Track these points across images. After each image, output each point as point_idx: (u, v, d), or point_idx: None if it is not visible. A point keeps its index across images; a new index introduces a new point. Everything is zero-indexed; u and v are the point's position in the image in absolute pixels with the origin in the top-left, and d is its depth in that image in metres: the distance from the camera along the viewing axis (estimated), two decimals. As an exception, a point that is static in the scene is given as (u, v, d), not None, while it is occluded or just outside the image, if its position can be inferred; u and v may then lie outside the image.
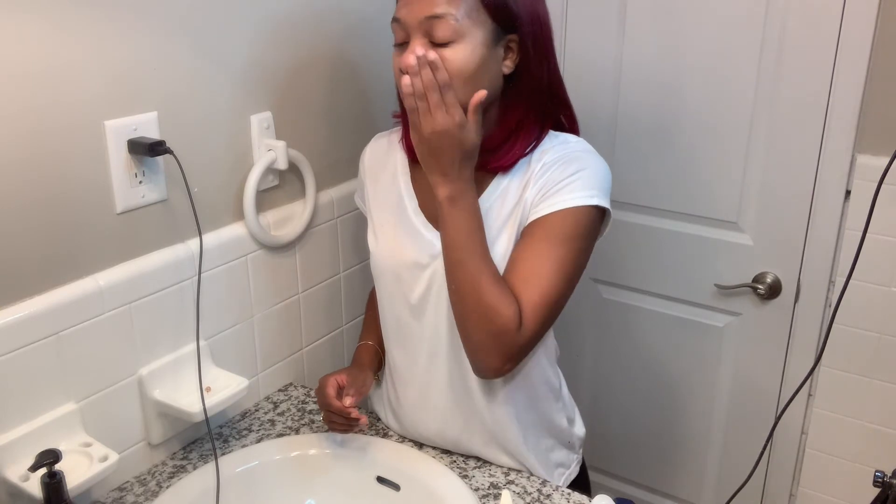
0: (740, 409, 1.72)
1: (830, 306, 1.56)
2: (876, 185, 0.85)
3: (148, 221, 1.13)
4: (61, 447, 0.96)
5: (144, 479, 1.16)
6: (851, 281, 1.44)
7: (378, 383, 1.31)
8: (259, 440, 1.25)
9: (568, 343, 1.76)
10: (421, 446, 1.24)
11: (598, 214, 1.06)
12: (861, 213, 1.47)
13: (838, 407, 1.60)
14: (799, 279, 1.58)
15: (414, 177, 1.15)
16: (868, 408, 1.57)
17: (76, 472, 0.97)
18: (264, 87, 1.28)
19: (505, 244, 1.06)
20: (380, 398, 1.31)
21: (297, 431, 1.28)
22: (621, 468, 1.95)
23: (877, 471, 0.87)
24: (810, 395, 1.63)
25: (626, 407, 1.88)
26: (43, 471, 0.89)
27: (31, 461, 0.88)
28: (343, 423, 1.15)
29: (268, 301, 1.35)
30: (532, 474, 1.18)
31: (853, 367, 1.56)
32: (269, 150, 1.28)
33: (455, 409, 1.16)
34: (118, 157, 1.07)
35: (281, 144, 1.28)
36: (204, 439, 1.26)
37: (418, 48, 0.95)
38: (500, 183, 1.08)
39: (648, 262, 1.74)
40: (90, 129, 1.03)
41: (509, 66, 1.04)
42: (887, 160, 0.84)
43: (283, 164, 1.28)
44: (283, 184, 1.35)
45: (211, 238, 1.22)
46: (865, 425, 1.58)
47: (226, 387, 1.18)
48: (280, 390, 1.41)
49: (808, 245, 1.55)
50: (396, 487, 1.15)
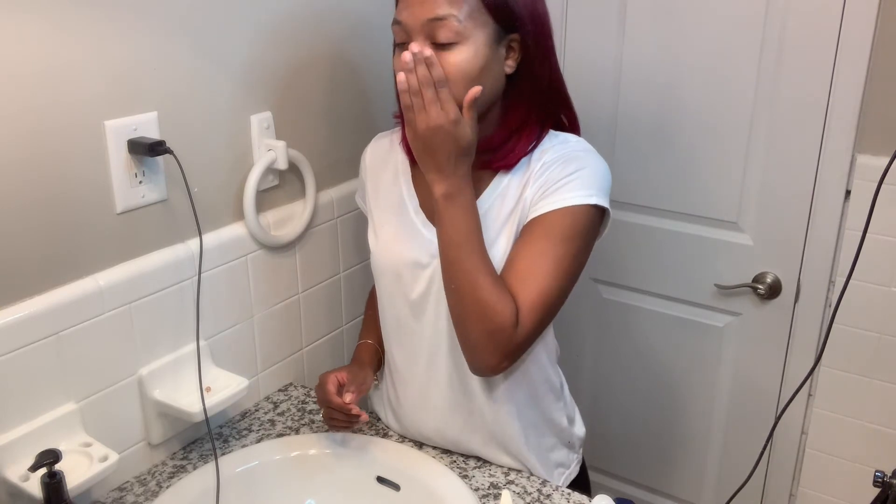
0: (740, 409, 1.72)
1: (830, 306, 1.56)
2: (876, 185, 0.85)
3: (148, 221, 1.13)
4: (61, 447, 0.96)
5: (144, 479, 1.16)
6: (851, 281, 1.44)
7: (377, 383, 1.31)
8: (259, 440, 1.25)
9: (568, 343, 1.76)
10: (421, 446, 1.24)
11: (596, 214, 1.06)
12: (861, 213, 1.47)
13: (838, 407, 1.60)
14: (799, 279, 1.58)
15: (414, 176, 1.16)
16: (868, 408, 1.57)
17: (76, 472, 0.97)
18: (264, 87, 1.28)
19: (505, 244, 1.06)
20: (380, 398, 1.31)
21: (297, 431, 1.28)
22: (621, 468, 1.95)
23: (877, 471, 0.87)
24: (810, 395, 1.63)
25: (626, 407, 1.88)
26: (43, 471, 0.89)
27: (31, 461, 0.88)
28: (343, 420, 1.15)
29: (268, 301, 1.35)
30: (532, 474, 1.18)
31: (853, 367, 1.56)
32: (269, 150, 1.28)
33: (455, 408, 1.16)
34: (118, 157, 1.07)
35: (281, 144, 1.28)
36: (204, 439, 1.26)
37: (414, 45, 0.95)
38: (501, 182, 1.08)
39: (648, 262, 1.74)
40: (90, 129, 1.03)
41: (511, 65, 1.04)
42: (887, 160, 0.84)
43: (283, 164, 1.28)
44: (283, 184, 1.35)
45: (211, 238, 1.22)
46: (865, 425, 1.58)
47: (226, 387, 1.18)
48: (280, 390, 1.41)
49: (808, 245, 1.55)
50: (396, 487, 1.15)
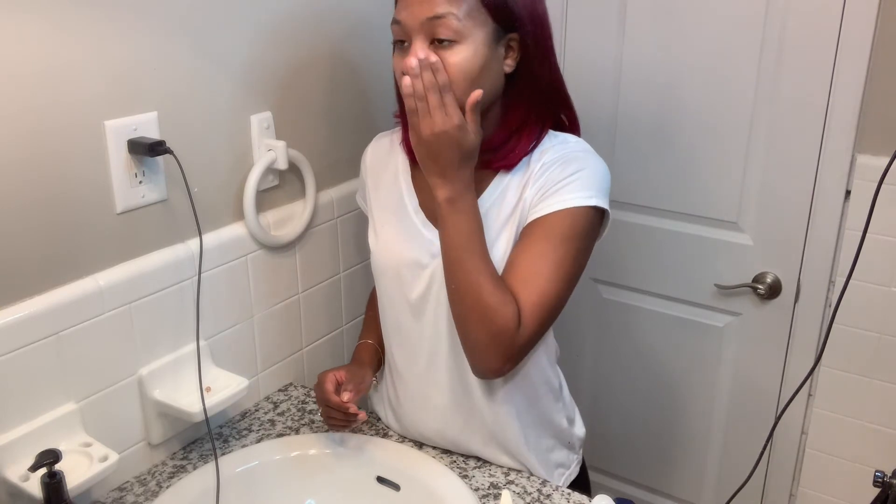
0: (740, 409, 1.72)
1: (830, 306, 1.56)
2: (876, 185, 0.85)
3: (148, 221, 1.13)
4: (61, 447, 0.96)
5: (144, 479, 1.16)
6: (851, 281, 1.44)
7: (377, 383, 1.31)
8: (259, 440, 1.25)
9: (568, 343, 1.76)
10: (421, 446, 1.23)
11: (596, 215, 1.06)
12: (861, 213, 1.47)
13: (838, 407, 1.60)
14: (799, 279, 1.58)
15: (414, 176, 1.15)
16: (868, 408, 1.57)
17: (76, 472, 0.97)
18: (264, 87, 1.28)
19: (505, 245, 1.06)
20: (380, 398, 1.31)
21: (297, 431, 1.28)
22: (621, 468, 1.95)
23: (877, 471, 0.87)
24: (810, 395, 1.63)
25: (626, 407, 1.88)
26: (43, 471, 0.89)
27: (31, 461, 0.88)
28: (341, 419, 1.15)
29: (268, 301, 1.35)
30: (532, 474, 1.18)
31: (853, 367, 1.56)
32: (269, 150, 1.28)
33: (455, 408, 1.16)
34: (118, 157, 1.07)
35: (281, 144, 1.28)
36: (204, 439, 1.26)
37: (420, 52, 0.95)
38: (501, 183, 1.08)
39: (648, 262, 1.74)
40: (90, 129, 1.03)
41: (510, 64, 1.04)
42: (887, 160, 0.84)
43: (283, 164, 1.28)
44: (283, 184, 1.35)
45: (211, 238, 1.22)
46: (865, 425, 1.58)
47: (226, 387, 1.18)
48: (280, 390, 1.41)
49: (808, 245, 1.55)
50: (396, 487, 1.15)
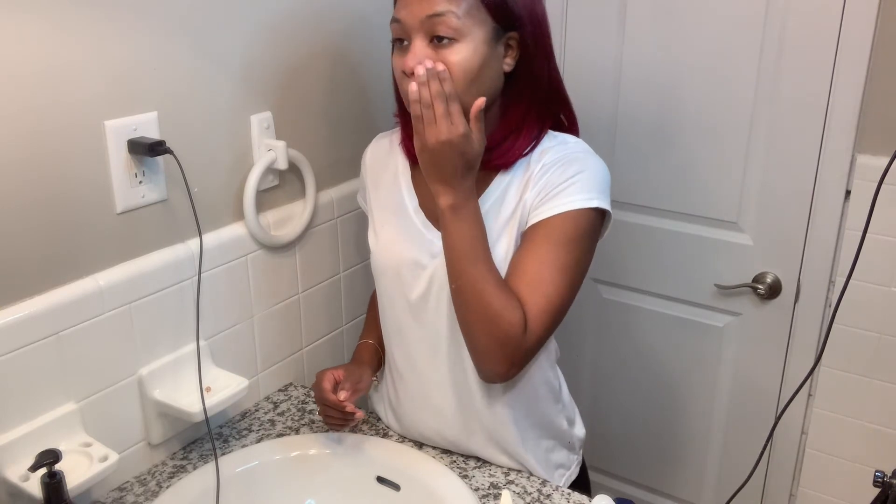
0: (740, 409, 1.72)
1: (830, 306, 1.56)
2: (876, 185, 0.85)
3: (148, 221, 1.13)
4: (61, 447, 0.96)
5: (144, 479, 1.16)
6: (851, 281, 1.44)
7: (377, 383, 1.31)
8: (259, 440, 1.25)
9: (568, 343, 1.76)
10: (421, 446, 1.24)
11: (598, 216, 1.06)
12: (861, 213, 1.47)
13: (838, 407, 1.60)
14: (799, 279, 1.58)
15: (414, 176, 1.16)
16: (868, 408, 1.57)
17: (76, 472, 0.97)
18: (264, 87, 1.28)
19: (505, 246, 1.06)
20: (380, 398, 1.31)
21: (297, 431, 1.28)
22: (621, 468, 1.95)
23: (877, 471, 0.87)
24: (810, 395, 1.63)
25: (626, 407, 1.88)
26: (43, 471, 0.89)
27: (31, 461, 0.88)
28: (338, 418, 1.15)
29: (268, 301, 1.35)
30: (532, 474, 1.18)
31: (853, 367, 1.56)
32: (269, 150, 1.28)
33: (455, 409, 1.16)
34: (118, 157, 1.07)
35: (281, 144, 1.28)
36: (204, 439, 1.26)
37: (428, 61, 0.95)
38: (500, 183, 1.08)
39: (648, 262, 1.74)
40: (90, 129, 1.03)
41: (510, 63, 1.04)
42: (887, 160, 0.84)
43: (283, 164, 1.28)
44: (283, 184, 1.35)
45: (211, 238, 1.22)
46: (865, 425, 1.58)
47: (226, 387, 1.18)
48: (280, 390, 1.41)
49: (808, 245, 1.55)
50: (396, 487, 1.15)
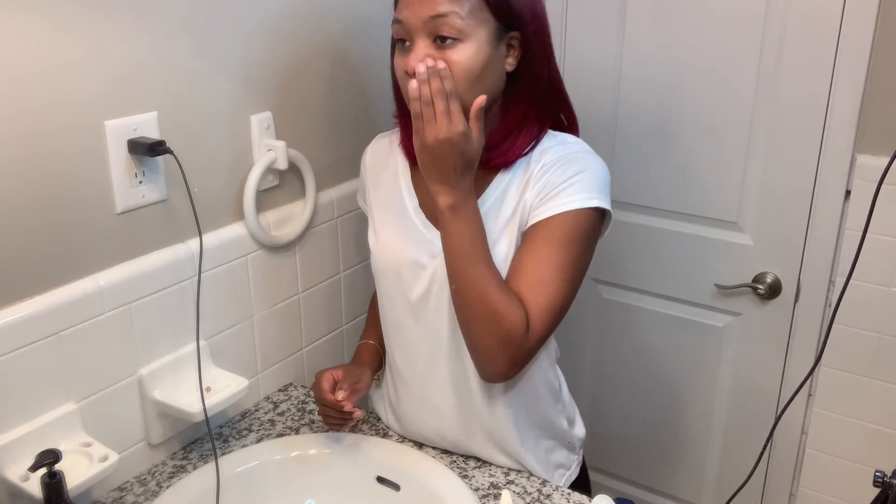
0: (740, 409, 1.72)
1: (830, 306, 1.56)
2: (876, 185, 0.85)
3: (148, 221, 1.13)
4: (61, 447, 0.96)
5: (144, 479, 1.16)
6: (851, 281, 1.44)
7: (378, 383, 1.31)
8: (259, 440, 1.25)
9: (568, 343, 1.76)
10: (421, 446, 1.24)
11: (598, 215, 1.06)
12: (861, 213, 1.47)
13: (838, 407, 1.60)
14: (799, 279, 1.58)
15: (414, 176, 1.16)
16: (868, 408, 1.57)
17: (76, 472, 0.97)
18: (264, 87, 1.28)
19: (505, 246, 1.06)
20: (380, 398, 1.31)
21: (297, 431, 1.28)
22: (621, 468, 1.95)
23: (877, 471, 0.87)
24: (810, 395, 1.63)
25: (626, 407, 1.88)
26: (43, 471, 0.89)
27: (31, 461, 0.88)
28: (337, 418, 1.15)
29: (268, 301, 1.35)
30: (532, 475, 1.18)
31: (853, 367, 1.56)
32: (269, 150, 1.28)
33: (455, 409, 1.16)
34: (118, 157, 1.07)
35: (281, 144, 1.28)
36: (204, 439, 1.26)
37: (429, 59, 0.95)
38: (500, 183, 1.08)
39: (648, 262, 1.74)
40: (90, 129, 1.03)
41: (511, 63, 1.05)
42: (887, 160, 0.84)
43: (283, 164, 1.28)
44: (283, 184, 1.35)
45: (211, 238, 1.22)
46: (865, 425, 1.58)
47: (226, 387, 1.18)
48: (280, 390, 1.41)
49: (808, 245, 1.55)
50: (396, 487, 1.15)
